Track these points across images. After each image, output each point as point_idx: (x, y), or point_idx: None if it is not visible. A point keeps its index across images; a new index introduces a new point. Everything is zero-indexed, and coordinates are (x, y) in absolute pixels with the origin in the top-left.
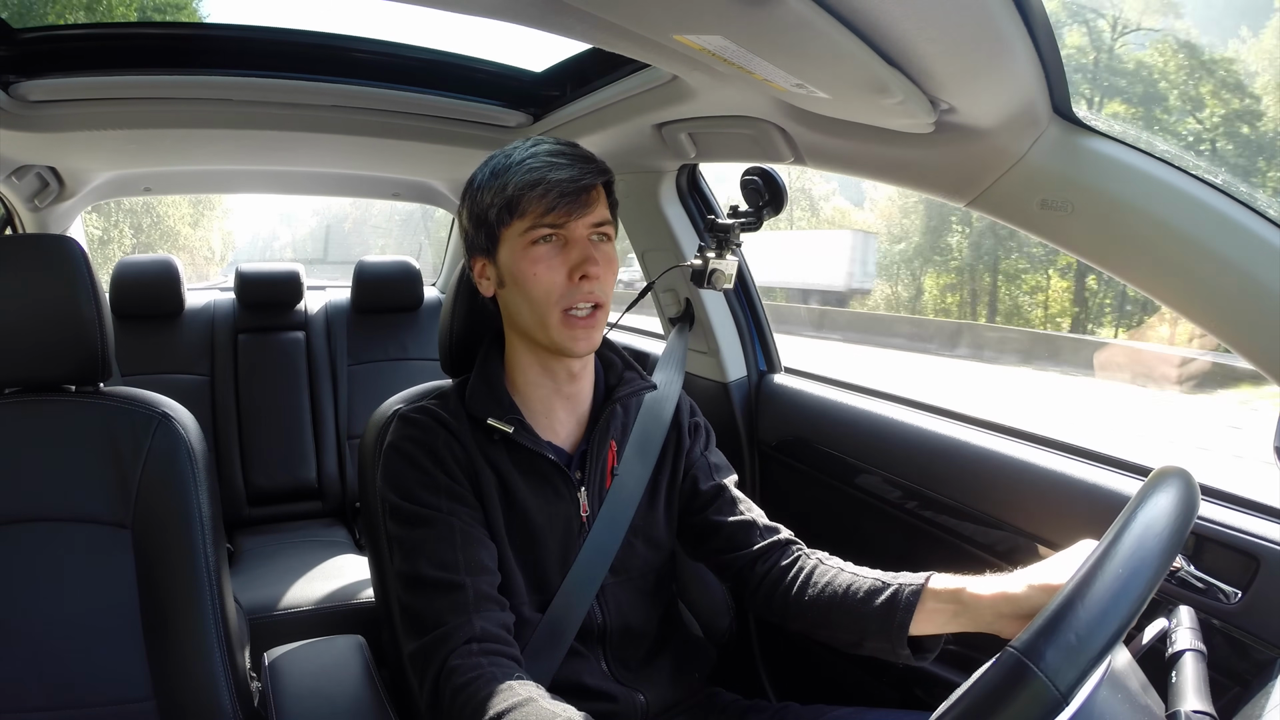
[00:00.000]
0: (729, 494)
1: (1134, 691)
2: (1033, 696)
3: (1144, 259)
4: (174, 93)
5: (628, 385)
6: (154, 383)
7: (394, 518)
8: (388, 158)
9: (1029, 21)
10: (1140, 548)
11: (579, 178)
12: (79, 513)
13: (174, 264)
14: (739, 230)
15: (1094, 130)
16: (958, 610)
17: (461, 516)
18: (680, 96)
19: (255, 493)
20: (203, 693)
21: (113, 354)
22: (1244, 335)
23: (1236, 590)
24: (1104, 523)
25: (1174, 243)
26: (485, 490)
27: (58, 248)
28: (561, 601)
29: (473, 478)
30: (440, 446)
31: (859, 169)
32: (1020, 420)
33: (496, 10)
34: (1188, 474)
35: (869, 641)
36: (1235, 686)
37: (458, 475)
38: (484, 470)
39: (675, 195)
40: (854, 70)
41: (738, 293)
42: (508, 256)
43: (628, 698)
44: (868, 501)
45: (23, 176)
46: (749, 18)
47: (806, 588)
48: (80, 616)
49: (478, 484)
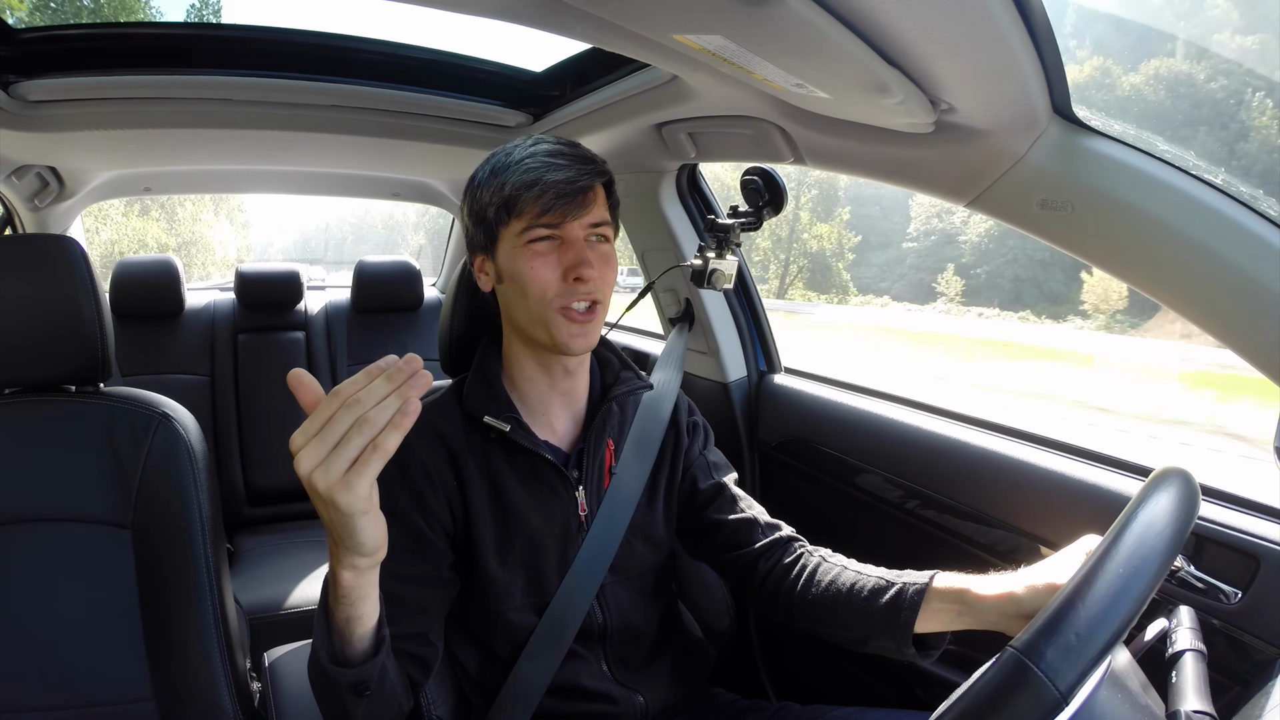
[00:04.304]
0: (729, 492)
1: (1134, 691)
2: (1033, 696)
3: (1144, 259)
4: (174, 93)
5: (624, 384)
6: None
7: None
8: (388, 158)
9: (1029, 21)
10: (1140, 548)
11: (576, 179)
12: (79, 513)
13: (174, 264)
14: (739, 230)
15: (1094, 130)
16: (962, 610)
17: (410, 531)
18: (680, 96)
19: (255, 493)
20: (203, 693)
21: (113, 354)
22: (1244, 335)
23: (1236, 590)
24: (1104, 523)
25: (1174, 243)
26: (471, 496)
27: (58, 248)
28: (561, 601)
29: (457, 484)
30: (413, 465)
31: (859, 169)
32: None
33: (496, 10)
34: (1188, 474)
35: (874, 640)
36: (1235, 686)
37: (423, 492)
38: (473, 474)
39: (675, 195)
40: (854, 70)
41: (737, 293)
42: (505, 255)
43: (627, 698)
44: (868, 501)
45: (23, 176)
46: (749, 18)
47: (810, 586)
48: (80, 617)
49: (463, 491)
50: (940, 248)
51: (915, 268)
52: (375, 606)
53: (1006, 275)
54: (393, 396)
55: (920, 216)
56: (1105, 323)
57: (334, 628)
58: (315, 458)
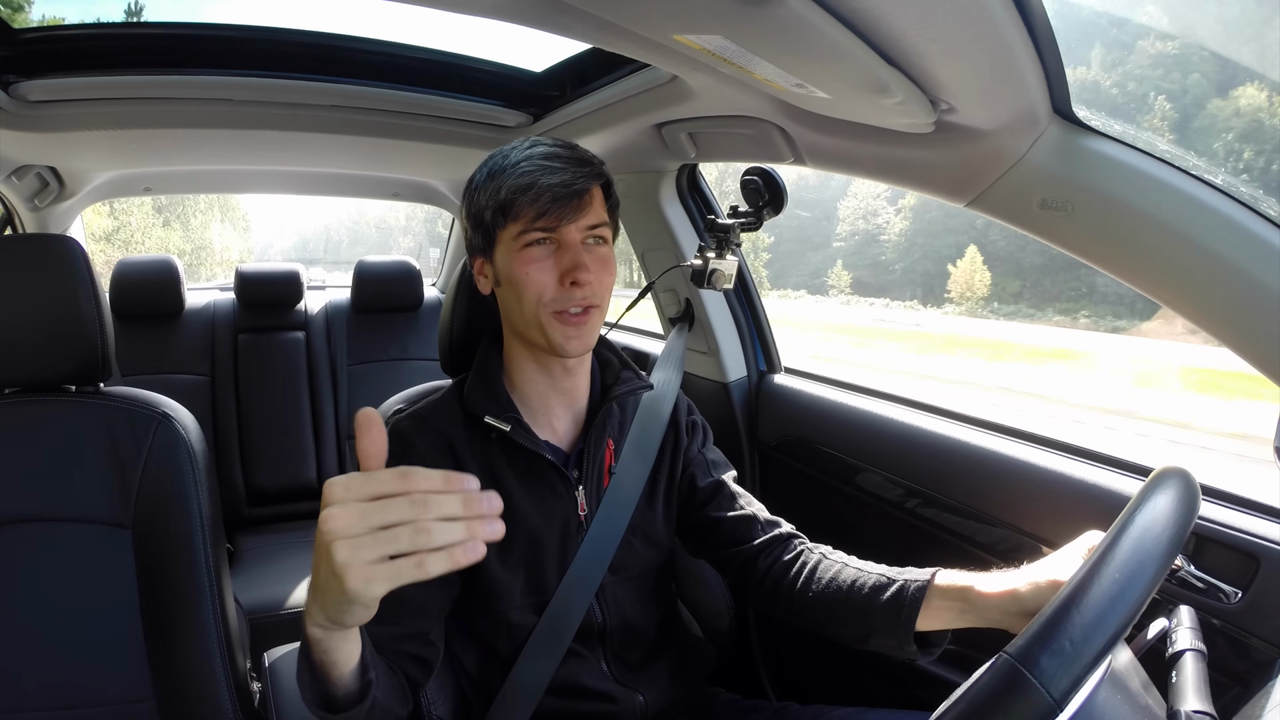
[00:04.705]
0: (728, 489)
1: (1134, 691)
2: (1027, 703)
3: (1144, 259)
4: (174, 93)
5: (624, 384)
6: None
7: None
8: (388, 158)
9: (1029, 21)
10: (1137, 552)
11: (572, 181)
12: (79, 513)
13: (174, 264)
14: (739, 230)
15: (1094, 130)
16: (964, 608)
17: None
18: (680, 96)
19: (255, 493)
20: (203, 693)
21: (113, 354)
22: (1244, 335)
23: (1237, 590)
24: (1104, 523)
25: (1174, 243)
26: None
27: (58, 248)
28: (560, 600)
29: None
30: (413, 463)
31: (859, 169)
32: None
33: (496, 10)
34: (1188, 475)
35: (874, 638)
36: (1235, 686)
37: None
38: (474, 474)
39: (675, 195)
40: (854, 70)
41: (737, 293)
42: (502, 258)
43: (627, 698)
44: (868, 501)
45: (23, 176)
46: (749, 18)
47: (810, 583)
48: (80, 616)
49: None
50: (864, 247)
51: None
52: (351, 653)
53: (918, 270)
54: (463, 525)
55: (848, 219)
56: (970, 308)
57: (314, 666)
58: (349, 528)
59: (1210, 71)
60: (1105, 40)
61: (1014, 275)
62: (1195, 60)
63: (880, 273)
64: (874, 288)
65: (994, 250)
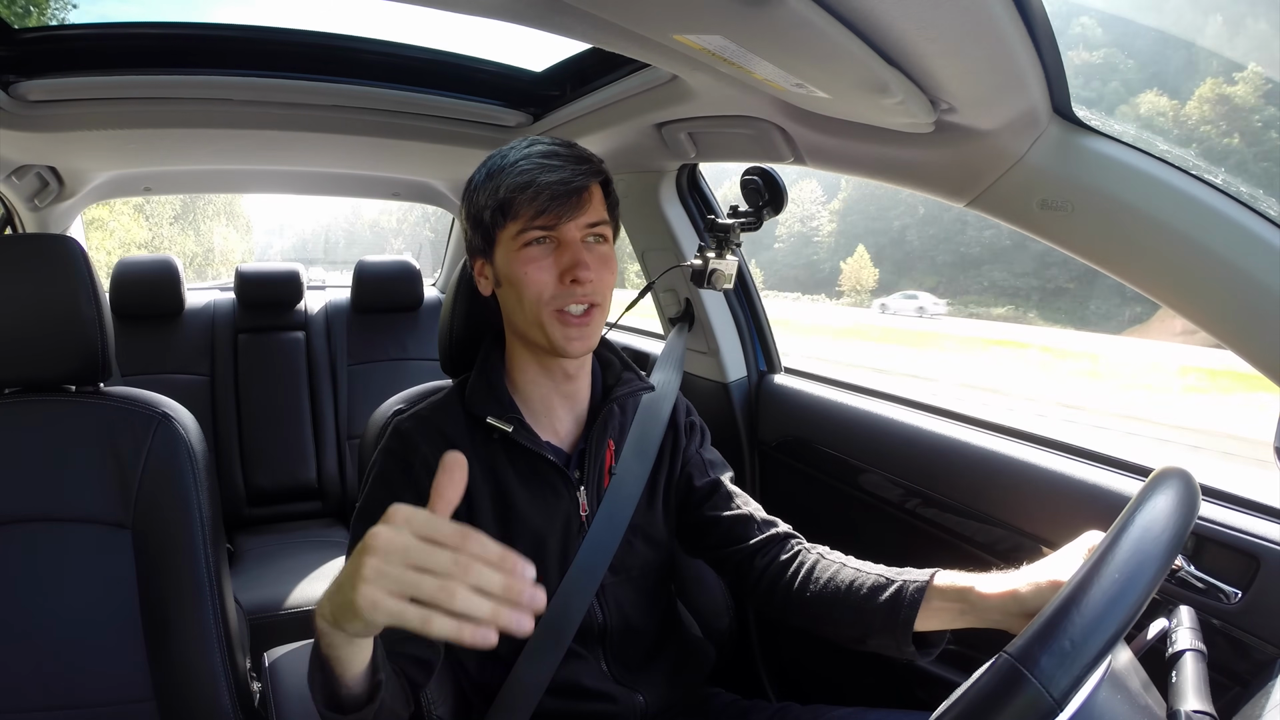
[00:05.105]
0: (725, 489)
1: (1134, 691)
2: (1027, 703)
3: (1144, 259)
4: (174, 93)
5: (625, 385)
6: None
7: (358, 519)
8: (388, 158)
9: (1029, 21)
10: (1137, 552)
11: (571, 179)
12: (79, 513)
13: (174, 264)
14: (739, 230)
15: (1094, 130)
16: (964, 608)
17: None
18: (680, 96)
19: (255, 493)
20: (203, 693)
21: (113, 354)
22: (1244, 335)
23: (1237, 590)
24: (1104, 523)
25: (1174, 243)
26: (475, 496)
27: (58, 248)
28: (561, 600)
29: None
30: (417, 464)
31: (859, 169)
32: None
33: (496, 10)
34: (1188, 475)
35: (873, 638)
36: (1235, 686)
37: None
38: (476, 475)
39: (675, 195)
40: (854, 70)
41: (737, 293)
42: (502, 258)
43: (627, 698)
44: (868, 501)
45: (23, 176)
46: (749, 18)
47: (808, 583)
48: (80, 616)
49: (466, 490)
50: (800, 248)
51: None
52: (356, 655)
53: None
54: (493, 604)
55: (786, 221)
56: (858, 299)
57: (323, 663)
58: (389, 553)
59: (1133, 79)
60: None
61: (930, 272)
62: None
63: (814, 271)
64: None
65: (909, 249)
